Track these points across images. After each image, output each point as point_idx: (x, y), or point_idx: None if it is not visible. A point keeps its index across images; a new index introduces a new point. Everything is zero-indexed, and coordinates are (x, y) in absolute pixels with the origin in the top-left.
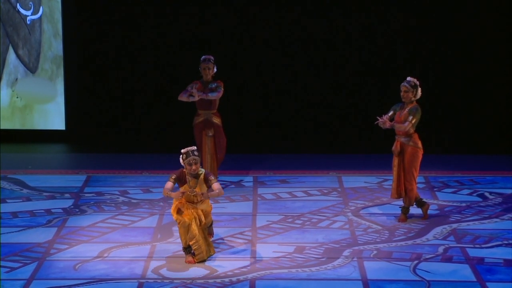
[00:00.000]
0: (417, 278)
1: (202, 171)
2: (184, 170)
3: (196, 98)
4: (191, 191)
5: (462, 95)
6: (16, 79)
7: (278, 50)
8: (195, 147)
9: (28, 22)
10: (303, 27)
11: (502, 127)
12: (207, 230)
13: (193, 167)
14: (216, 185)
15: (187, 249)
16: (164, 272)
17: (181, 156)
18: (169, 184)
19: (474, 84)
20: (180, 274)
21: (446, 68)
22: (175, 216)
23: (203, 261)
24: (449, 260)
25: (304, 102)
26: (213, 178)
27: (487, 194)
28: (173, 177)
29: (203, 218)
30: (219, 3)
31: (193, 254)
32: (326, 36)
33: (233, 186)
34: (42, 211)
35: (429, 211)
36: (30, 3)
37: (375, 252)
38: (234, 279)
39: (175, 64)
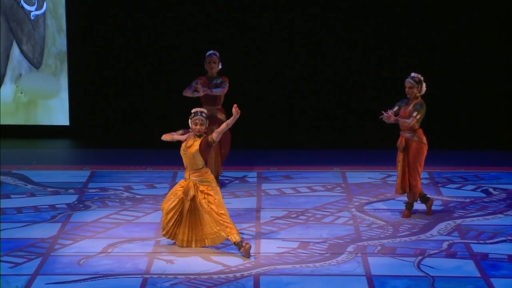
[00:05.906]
0: (421, 274)
1: (203, 136)
2: (191, 132)
3: (201, 94)
4: (184, 149)
5: (467, 91)
6: (20, 74)
7: (283, 45)
8: (205, 110)
9: (32, 18)
10: (308, 23)
11: (507, 122)
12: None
13: (198, 127)
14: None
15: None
16: (168, 267)
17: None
18: (173, 134)
19: (479, 79)
20: (184, 269)
21: (450, 63)
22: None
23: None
24: (453, 255)
25: (309, 97)
26: (211, 135)
27: (491, 190)
28: (180, 131)
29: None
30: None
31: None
32: (330, 31)
33: (237, 181)
34: (46, 206)
35: (433, 207)
36: None
37: (379, 247)
38: (238, 274)
39: (179, 60)
